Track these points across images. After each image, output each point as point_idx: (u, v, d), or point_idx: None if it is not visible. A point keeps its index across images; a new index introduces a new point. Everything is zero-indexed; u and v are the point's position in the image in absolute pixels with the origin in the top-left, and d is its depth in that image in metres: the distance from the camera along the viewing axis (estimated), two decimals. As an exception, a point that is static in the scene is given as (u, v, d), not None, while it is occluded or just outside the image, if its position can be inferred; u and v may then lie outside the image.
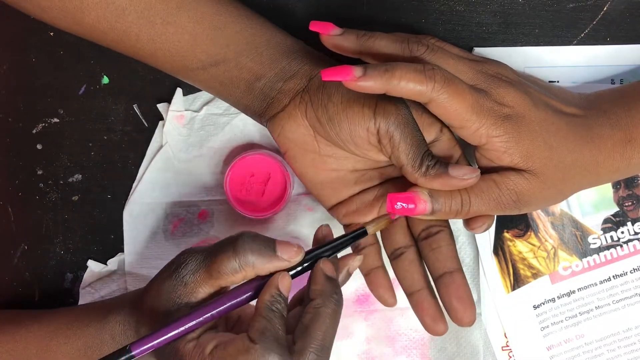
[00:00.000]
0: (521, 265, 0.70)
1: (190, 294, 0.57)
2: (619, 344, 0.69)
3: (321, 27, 0.63)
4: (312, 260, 0.58)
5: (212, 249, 0.57)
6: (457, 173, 0.58)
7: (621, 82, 0.69)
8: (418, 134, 0.60)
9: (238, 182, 0.70)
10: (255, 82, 0.64)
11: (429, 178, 0.58)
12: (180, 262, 0.58)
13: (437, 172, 0.58)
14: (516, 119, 0.59)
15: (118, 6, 0.61)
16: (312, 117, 0.62)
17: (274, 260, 0.57)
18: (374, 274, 0.65)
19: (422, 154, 0.59)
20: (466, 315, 0.61)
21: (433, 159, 0.59)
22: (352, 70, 0.56)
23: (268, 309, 0.55)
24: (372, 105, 0.59)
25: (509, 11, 0.70)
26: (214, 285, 0.57)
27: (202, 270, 0.57)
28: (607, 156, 0.61)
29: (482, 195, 0.59)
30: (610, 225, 0.69)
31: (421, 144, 0.59)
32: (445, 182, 0.58)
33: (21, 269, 0.74)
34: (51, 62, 0.73)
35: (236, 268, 0.56)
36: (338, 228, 0.67)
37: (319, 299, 0.56)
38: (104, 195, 0.74)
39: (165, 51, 0.63)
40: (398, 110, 0.59)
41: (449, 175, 0.58)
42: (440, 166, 0.58)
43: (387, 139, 0.59)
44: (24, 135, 0.74)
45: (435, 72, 0.56)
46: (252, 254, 0.56)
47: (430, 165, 0.58)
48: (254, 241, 0.57)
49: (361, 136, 0.60)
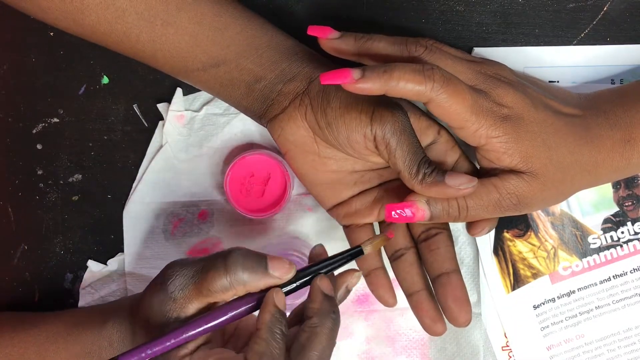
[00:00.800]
0: (521, 265, 0.70)
1: (179, 310, 0.56)
2: (619, 344, 0.69)
3: (319, 31, 0.63)
4: (308, 277, 0.57)
5: (201, 265, 0.56)
6: (454, 182, 0.57)
7: (621, 82, 0.69)
8: (415, 141, 0.59)
9: (238, 182, 0.70)
10: (255, 83, 0.64)
11: (425, 186, 0.58)
12: (167, 276, 0.57)
13: (433, 181, 0.58)
14: (515, 119, 0.59)
15: (118, 7, 0.61)
16: (311, 120, 0.62)
17: (266, 277, 0.56)
18: (375, 274, 0.65)
19: (418, 161, 0.58)
20: (461, 316, 0.62)
21: (430, 167, 0.58)
22: (350, 73, 0.55)
23: (269, 331, 0.54)
24: (369, 111, 0.59)
25: (508, 11, 0.70)
26: (203, 302, 0.56)
27: (191, 286, 0.56)
28: (607, 156, 0.61)
29: (482, 200, 0.59)
30: (610, 225, 0.69)
31: (418, 151, 0.59)
32: (441, 190, 0.58)
33: (21, 269, 0.74)
34: (51, 62, 0.73)
35: (227, 286, 0.55)
36: (339, 229, 0.67)
37: (315, 317, 0.56)
38: (104, 195, 0.74)
39: (165, 52, 0.63)
40: (395, 117, 0.59)
41: (445, 185, 0.58)
42: (437, 174, 0.58)
43: (383, 145, 0.59)
44: (24, 135, 0.74)
45: (435, 71, 0.56)
46: (244, 271, 0.55)
47: (427, 173, 0.58)
48: (246, 258, 0.56)
49: (358, 141, 0.60)
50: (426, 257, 0.64)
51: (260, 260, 0.56)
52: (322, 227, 0.72)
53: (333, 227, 0.72)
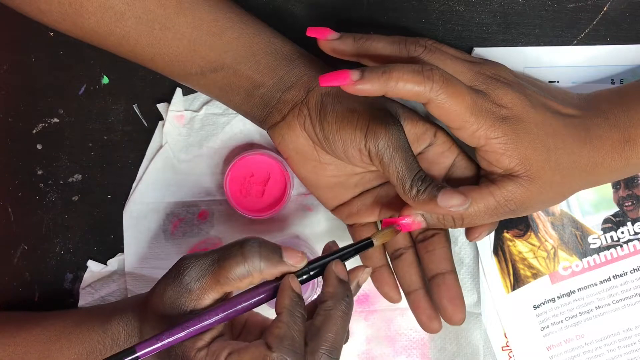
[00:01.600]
0: (521, 265, 0.70)
1: (195, 301, 0.56)
2: (619, 344, 0.69)
3: (318, 33, 0.63)
4: (320, 267, 0.58)
5: (217, 255, 0.57)
6: (446, 203, 0.57)
7: (621, 82, 0.69)
8: (409, 156, 0.59)
9: (238, 182, 0.70)
10: (254, 90, 0.64)
11: (418, 202, 0.59)
12: (182, 268, 0.57)
13: (426, 198, 0.58)
14: (514, 120, 0.59)
15: (117, 11, 0.61)
16: (310, 130, 0.62)
17: (281, 265, 0.57)
18: (379, 272, 0.66)
19: (412, 177, 0.58)
20: (455, 315, 0.63)
21: (424, 184, 0.58)
22: (349, 74, 0.55)
23: (289, 314, 0.55)
24: (364, 127, 0.59)
25: (508, 11, 0.70)
26: (219, 292, 0.56)
27: (208, 276, 0.56)
28: (606, 156, 0.61)
29: (478, 208, 0.59)
30: (610, 225, 0.69)
31: (412, 167, 0.59)
32: (433, 209, 0.59)
33: (21, 269, 0.74)
34: (51, 62, 0.73)
35: (244, 273, 0.56)
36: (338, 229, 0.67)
37: (330, 301, 0.56)
38: (104, 195, 0.74)
39: (164, 56, 0.63)
40: (388, 132, 0.59)
41: (436, 205, 0.58)
42: (431, 191, 0.58)
43: (377, 160, 0.59)
44: (24, 135, 0.74)
45: (434, 72, 0.56)
46: (261, 259, 0.56)
47: (420, 190, 0.58)
48: (262, 246, 0.57)
49: (354, 156, 0.60)
50: (423, 257, 0.65)
51: (276, 248, 0.57)
52: (322, 227, 0.72)
53: (333, 227, 0.72)
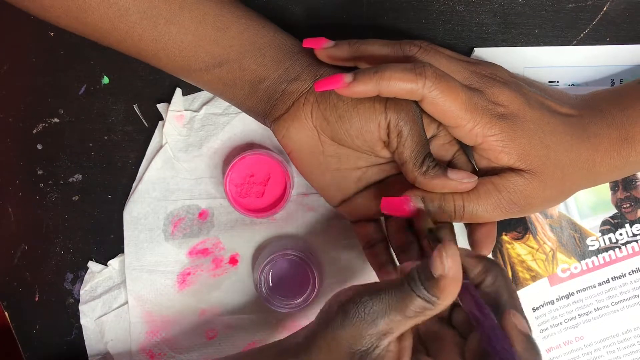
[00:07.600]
0: (520, 267, 0.70)
1: (386, 333, 0.53)
2: (618, 345, 0.69)
3: (314, 43, 0.64)
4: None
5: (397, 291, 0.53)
6: (456, 176, 0.59)
7: (621, 82, 0.69)
8: (424, 135, 0.60)
9: (238, 182, 0.70)
10: (258, 83, 0.64)
11: (427, 178, 0.59)
12: (352, 307, 0.52)
13: (436, 173, 0.59)
14: (511, 118, 0.59)
15: (121, 6, 0.61)
16: (318, 117, 0.62)
17: None
18: (385, 270, 0.66)
19: (424, 154, 0.59)
20: None
21: (434, 161, 0.59)
22: (342, 78, 0.56)
23: None
24: (382, 100, 0.60)
25: (508, 11, 0.70)
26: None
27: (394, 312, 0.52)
28: (605, 155, 0.61)
29: (480, 198, 0.59)
30: (609, 227, 0.69)
31: (425, 145, 0.60)
32: (443, 183, 0.59)
33: (21, 269, 0.74)
34: (51, 62, 0.73)
35: None
36: (338, 229, 0.67)
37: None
38: (104, 195, 0.74)
39: (168, 51, 0.63)
40: (409, 105, 0.60)
41: (447, 178, 0.58)
42: (439, 168, 0.59)
43: (395, 132, 0.60)
44: (24, 135, 0.74)
45: (426, 69, 0.57)
46: None
47: (430, 166, 0.59)
48: None
49: (371, 130, 0.60)
50: None
51: None
52: (322, 227, 0.72)
53: (333, 227, 0.72)
